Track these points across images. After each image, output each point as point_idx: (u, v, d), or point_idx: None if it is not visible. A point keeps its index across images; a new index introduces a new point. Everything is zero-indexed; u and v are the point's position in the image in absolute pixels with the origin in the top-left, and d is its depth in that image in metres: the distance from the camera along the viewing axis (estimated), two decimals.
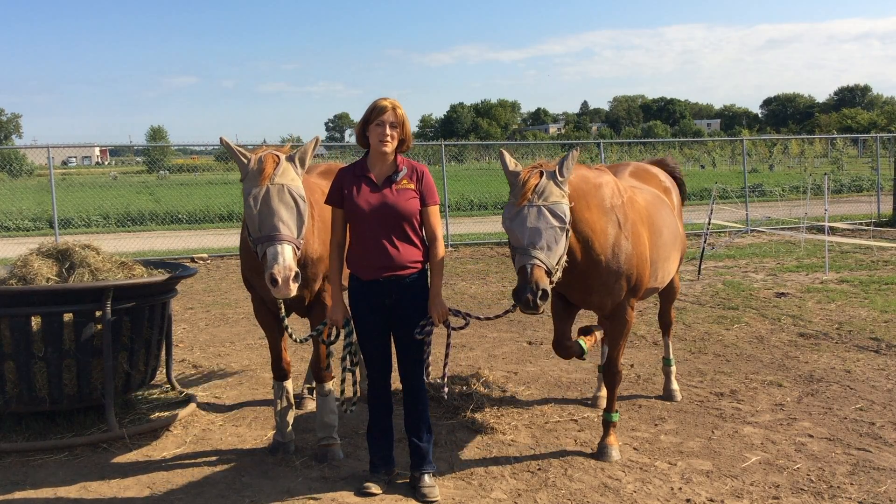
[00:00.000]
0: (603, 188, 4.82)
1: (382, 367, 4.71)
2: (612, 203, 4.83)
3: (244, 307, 10.47)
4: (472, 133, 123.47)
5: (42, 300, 5.31)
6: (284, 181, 4.39)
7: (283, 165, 4.44)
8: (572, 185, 4.54)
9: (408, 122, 4.58)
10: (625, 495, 4.57)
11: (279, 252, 4.25)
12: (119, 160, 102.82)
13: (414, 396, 4.67)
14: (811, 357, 7.46)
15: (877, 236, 16.57)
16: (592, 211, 4.66)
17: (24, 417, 5.65)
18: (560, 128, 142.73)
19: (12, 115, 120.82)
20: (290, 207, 4.37)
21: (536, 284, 4.07)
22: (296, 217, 4.39)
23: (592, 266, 4.75)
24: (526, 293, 4.09)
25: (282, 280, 4.21)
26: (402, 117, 4.52)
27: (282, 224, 4.32)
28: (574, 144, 64.17)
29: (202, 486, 4.76)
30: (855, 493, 4.54)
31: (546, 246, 4.19)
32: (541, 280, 4.08)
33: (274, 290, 4.27)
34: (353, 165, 4.69)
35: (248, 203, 4.40)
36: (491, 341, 8.52)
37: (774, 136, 64.22)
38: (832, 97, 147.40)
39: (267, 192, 4.35)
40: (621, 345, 5.12)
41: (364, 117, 4.55)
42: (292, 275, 4.24)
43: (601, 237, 4.70)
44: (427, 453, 4.67)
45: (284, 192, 4.37)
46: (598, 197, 4.75)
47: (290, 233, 4.34)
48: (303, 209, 4.42)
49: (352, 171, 4.63)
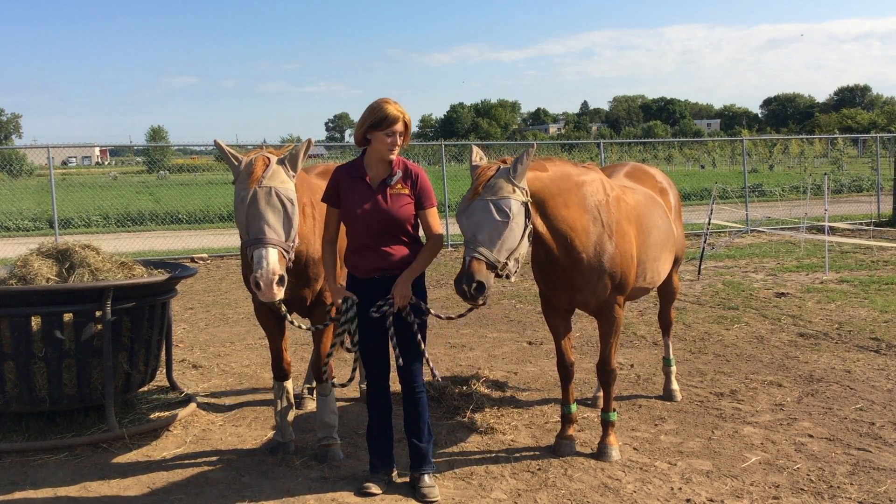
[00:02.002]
0: (585, 186, 4.82)
1: (381, 368, 4.71)
2: (596, 201, 4.83)
3: (244, 307, 10.47)
4: (472, 133, 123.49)
5: (42, 300, 5.31)
6: (273, 184, 4.33)
7: (272, 168, 4.38)
8: (549, 182, 4.56)
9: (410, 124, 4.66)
10: (625, 495, 4.57)
11: (263, 256, 4.21)
12: (119, 160, 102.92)
13: (413, 397, 4.67)
14: (811, 357, 7.46)
15: (877, 236, 16.58)
16: (571, 208, 4.67)
17: (24, 417, 5.65)
18: (560, 128, 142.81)
19: (12, 115, 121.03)
20: (277, 210, 4.31)
21: (471, 276, 4.12)
22: (283, 220, 4.33)
23: (574, 264, 4.78)
24: (461, 284, 4.16)
25: (264, 284, 4.18)
26: (409, 123, 4.56)
27: (268, 227, 4.27)
28: (574, 144, 63.62)
29: (202, 486, 4.76)
30: (855, 493, 4.54)
31: (489, 239, 4.20)
32: (476, 273, 4.13)
33: (258, 294, 4.24)
34: (350, 165, 4.67)
35: (237, 205, 4.39)
36: (491, 341, 8.52)
37: (774, 137, 64.23)
38: (832, 97, 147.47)
39: (254, 194, 4.30)
40: (613, 343, 5.13)
41: (369, 122, 4.46)
42: (276, 279, 4.20)
43: (582, 235, 4.72)
44: (427, 454, 4.67)
45: (272, 194, 4.31)
46: (578, 195, 4.75)
47: (277, 236, 4.29)
48: (291, 212, 4.35)
49: (348, 171, 4.61)
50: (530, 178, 4.44)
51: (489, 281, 4.16)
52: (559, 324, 5.26)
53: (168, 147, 65.49)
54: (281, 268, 4.26)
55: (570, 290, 4.96)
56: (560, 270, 4.85)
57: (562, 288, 4.99)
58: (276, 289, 4.21)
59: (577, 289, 4.92)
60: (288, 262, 4.40)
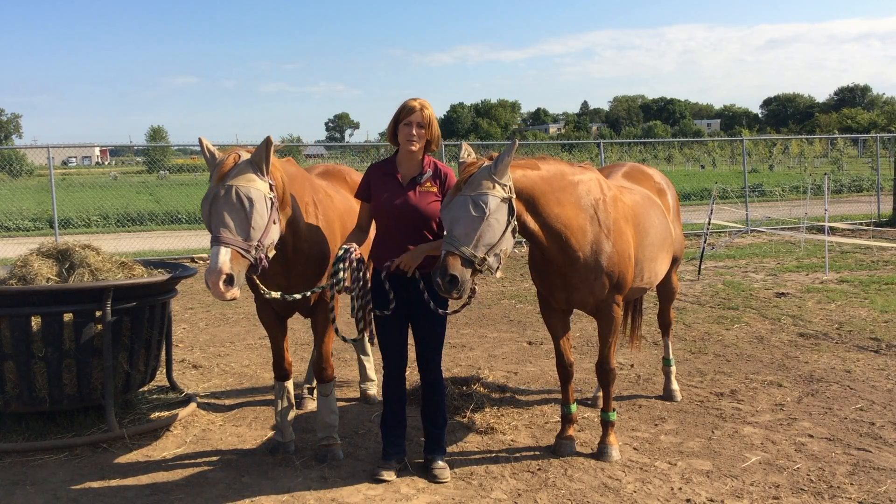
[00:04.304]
0: (580, 185, 4.82)
1: (399, 359, 4.87)
2: (592, 200, 4.84)
3: (244, 307, 10.47)
4: (473, 133, 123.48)
5: (42, 300, 5.31)
6: (236, 183, 4.27)
7: (239, 167, 4.33)
8: (540, 180, 4.57)
9: (435, 122, 4.75)
10: (625, 495, 4.57)
11: (213, 255, 4.16)
12: (119, 160, 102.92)
13: (431, 387, 4.89)
14: (811, 357, 7.46)
15: (877, 236, 16.57)
16: (566, 207, 4.67)
17: (24, 417, 5.65)
18: (560, 128, 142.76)
19: (12, 115, 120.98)
20: (235, 210, 4.23)
21: (444, 270, 4.16)
22: (242, 220, 4.23)
23: (570, 262, 4.79)
24: (435, 277, 4.21)
25: (211, 283, 4.12)
26: (430, 118, 4.68)
27: (223, 227, 4.21)
28: (574, 144, 63.55)
29: (202, 486, 4.76)
30: (855, 493, 4.54)
31: (465, 234, 4.22)
32: (450, 267, 4.15)
33: (211, 293, 4.19)
34: (384, 162, 4.88)
35: (202, 203, 4.37)
36: (491, 341, 8.52)
37: (774, 137, 64.25)
38: (832, 97, 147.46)
39: (216, 193, 4.27)
40: (611, 343, 5.14)
41: (394, 116, 4.71)
42: (223, 278, 4.11)
43: (578, 233, 4.73)
44: (440, 439, 4.92)
45: (231, 193, 4.24)
46: (573, 194, 4.76)
47: (232, 236, 4.20)
48: (250, 211, 4.24)
49: (381, 168, 4.83)
50: (518, 175, 4.46)
51: (464, 276, 4.18)
52: (557, 324, 5.26)
53: (168, 147, 65.54)
54: (233, 267, 4.16)
55: (567, 289, 4.96)
56: (556, 270, 4.86)
57: (559, 287, 4.99)
58: (223, 287, 4.12)
59: (575, 288, 4.92)
60: (257, 262, 4.30)
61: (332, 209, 5.19)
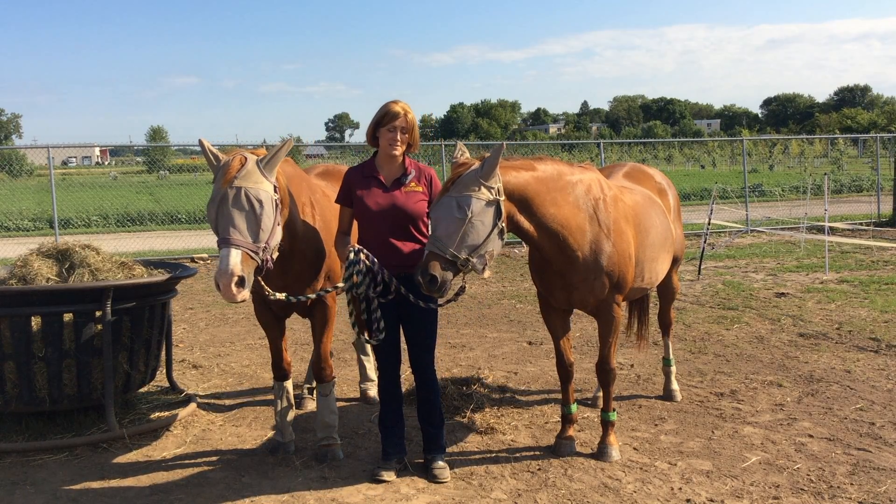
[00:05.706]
0: (578, 185, 4.82)
1: (393, 359, 4.88)
2: (591, 200, 4.84)
3: (244, 307, 10.47)
4: (472, 133, 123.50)
5: (42, 300, 5.31)
6: (244, 184, 4.26)
7: (247, 168, 4.32)
8: (534, 181, 4.57)
9: (416, 125, 4.79)
10: (625, 495, 4.57)
11: (223, 256, 4.15)
12: (119, 160, 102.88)
13: (425, 386, 4.87)
14: (811, 357, 7.46)
15: (877, 236, 16.57)
16: (563, 207, 4.67)
17: (24, 417, 5.65)
18: (560, 128, 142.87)
19: (12, 115, 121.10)
20: (244, 211, 4.24)
21: (425, 269, 4.19)
22: (251, 221, 4.24)
23: (569, 262, 4.79)
24: (416, 276, 4.24)
25: (223, 285, 4.11)
26: (413, 122, 4.73)
27: (232, 228, 4.20)
28: (574, 144, 63.65)
29: (202, 486, 4.76)
30: (855, 493, 4.54)
31: (447, 235, 4.22)
32: (431, 267, 4.18)
33: (221, 295, 4.21)
34: (362, 166, 4.84)
35: (208, 205, 4.36)
36: (491, 341, 8.52)
37: (774, 137, 64.20)
38: (832, 97, 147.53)
39: (224, 195, 4.26)
40: (612, 343, 5.13)
41: (376, 119, 4.72)
42: (234, 280, 4.12)
43: (577, 233, 4.73)
44: (438, 439, 4.91)
45: (241, 195, 4.24)
46: (572, 194, 4.75)
47: (242, 237, 4.20)
48: (260, 213, 4.25)
49: (360, 172, 4.80)
50: (510, 177, 4.45)
51: (444, 276, 4.19)
52: (557, 324, 5.26)
53: (168, 147, 65.45)
54: (243, 269, 4.16)
55: (567, 289, 4.96)
56: (556, 269, 4.86)
57: (558, 287, 4.99)
58: (234, 289, 4.12)
59: (575, 287, 4.92)
60: (263, 263, 4.31)
61: (330, 209, 5.18)
